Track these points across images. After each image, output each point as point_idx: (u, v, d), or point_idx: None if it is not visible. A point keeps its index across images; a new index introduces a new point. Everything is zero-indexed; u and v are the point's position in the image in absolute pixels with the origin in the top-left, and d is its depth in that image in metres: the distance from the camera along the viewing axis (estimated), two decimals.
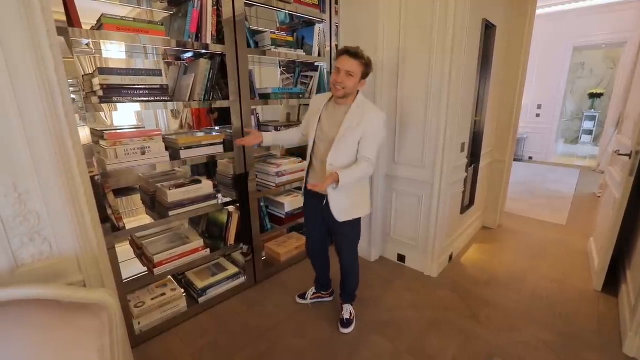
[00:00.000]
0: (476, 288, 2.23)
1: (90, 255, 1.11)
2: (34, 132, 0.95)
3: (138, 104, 1.56)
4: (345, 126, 1.52)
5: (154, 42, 1.58)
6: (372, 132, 1.53)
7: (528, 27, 2.75)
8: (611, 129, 4.98)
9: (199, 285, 2.01)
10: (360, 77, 1.51)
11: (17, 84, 0.91)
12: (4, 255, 0.96)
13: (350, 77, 1.48)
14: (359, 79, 1.51)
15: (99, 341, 0.85)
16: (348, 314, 1.87)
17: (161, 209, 1.83)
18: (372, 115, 1.54)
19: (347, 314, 1.87)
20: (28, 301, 0.83)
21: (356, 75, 1.48)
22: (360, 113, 1.54)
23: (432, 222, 2.29)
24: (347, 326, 1.84)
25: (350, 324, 1.85)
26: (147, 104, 1.59)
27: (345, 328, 1.83)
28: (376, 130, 1.55)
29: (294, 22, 2.47)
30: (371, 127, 1.52)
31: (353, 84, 1.50)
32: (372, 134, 1.54)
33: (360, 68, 1.48)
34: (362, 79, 1.53)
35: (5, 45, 0.87)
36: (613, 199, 2.14)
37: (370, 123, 1.52)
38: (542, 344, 1.73)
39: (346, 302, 1.91)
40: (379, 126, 1.56)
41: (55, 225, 1.03)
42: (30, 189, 0.97)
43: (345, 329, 1.83)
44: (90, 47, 1.88)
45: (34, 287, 0.82)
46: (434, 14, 1.99)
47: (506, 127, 3.01)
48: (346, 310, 1.88)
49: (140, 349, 1.71)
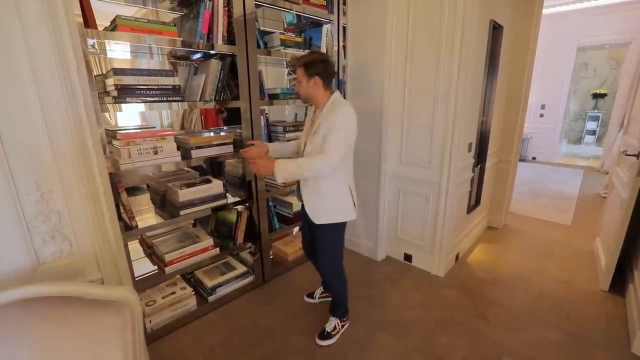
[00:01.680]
0: (483, 288, 2.24)
1: (109, 254, 1.12)
2: (56, 131, 0.97)
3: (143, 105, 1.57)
4: (317, 123, 1.54)
5: (169, 43, 1.60)
6: (335, 125, 1.43)
7: (534, 28, 2.76)
8: (615, 129, 4.98)
9: (209, 284, 2.02)
10: (307, 79, 1.51)
11: (41, 85, 0.93)
12: (27, 253, 0.97)
13: (298, 83, 1.55)
14: (306, 81, 1.51)
15: (121, 337, 0.87)
16: (330, 327, 1.77)
17: (172, 208, 1.84)
18: (339, 110, 1.47)
19: (329, 326, 1.77)
20: (52, 298, 0.85)
21: (301, 79, 1.53)
22: (330, 110, 1.51)
23: (439, 222, 2.30)
24: (322, 338, 1.74)
25: (328, 338, 1.74)
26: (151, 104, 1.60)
27: (320, 339, 1.74)
28: (339, 123, 1.44)
29: (301, 23, 2.48)
30: (335, 120, 1.44)
31: (302, 88, 1.54)
32: (335, 127, 1.43)
33: (300, 71, 1.51)
34: (310, 78, 1.50)
35: (30, 47, 0.89)
36: (620, 199, 2.15)
37: (335, 117, 1.45)
38: (550, 344, 1.73)
39: (332, 314, 1.81)
40: (342, 120, 1.45)
41: (75, 223, 1.05)
42: (52, 187, 0.98)
43: (319, 340, 1.74)
44: (95, 48, 1.89)
45: (59, 285, 0.84)
46: (443, 14, 2.00)
47: (512, 127, 3.02)
48: (329, 322, 1.79)
49: (152, 347, 1.72)
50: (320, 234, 1.65)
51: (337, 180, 1.57)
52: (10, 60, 0.87)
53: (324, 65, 1.50)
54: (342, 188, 1.60)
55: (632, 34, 4.89)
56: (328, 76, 1.53)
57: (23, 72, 0.89)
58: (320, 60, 1.50)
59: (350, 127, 1.49)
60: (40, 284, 0.80)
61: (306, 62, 1.50)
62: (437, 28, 2.04)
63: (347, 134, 1.48)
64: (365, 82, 2.39)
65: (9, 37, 0.86)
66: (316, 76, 1.50)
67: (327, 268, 1.74)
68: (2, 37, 0.85)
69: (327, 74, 1.52)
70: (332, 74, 1.55)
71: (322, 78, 1.51)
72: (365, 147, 2.48)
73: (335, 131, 1.43)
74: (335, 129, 1.44)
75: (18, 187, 0.93)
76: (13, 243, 0.94)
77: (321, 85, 1.52)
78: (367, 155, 2.48)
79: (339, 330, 1.80)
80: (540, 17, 2.79)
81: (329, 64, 1.52)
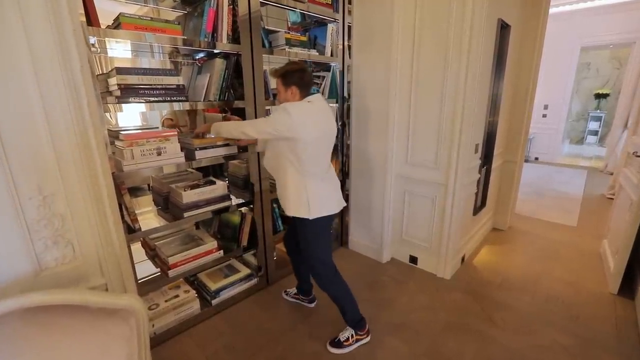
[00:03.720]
0: (490, 290, 2.21)
1: (113, 258, 1.09)
2: (59, 133, 0.94)
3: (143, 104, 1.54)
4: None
5: (173, 42, 1.57)
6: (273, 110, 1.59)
7: (541, 28, 2.73)
8: (619, 129, 4.95)
9: (212, 287, 1.99)
10: (285, 88, 1.58)
11: (43, 84, 0.89)
12: (28, 259, 0.94)
13: (278, 93, 1.64)
14: (284, 91, 1.59)
15: (127, 347, 0.84)
16: (343, 336, 1.72)
17: (175, 209, 1.81)
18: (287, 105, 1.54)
19: (343, 335, 1.72)
20: (56, 306, 0.81)
21: (280, 89, 1.60)
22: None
23: (445, 224, 2.27)
24: (333, 345, 1.71)
25: (339, 347, 1.69)
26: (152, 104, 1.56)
27: (330, 345, 1.71)
28: (276, 111, 1.54)
29: (305, 22, 2.45)
30: (278, 108, 1.54)
31: (282, 97, 1.62)
32: (272, 111, 1.62)
33: (279, 82, 1.59)
34: (287, 88, 1.57)
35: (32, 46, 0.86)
36: (629, 201, 2.12)
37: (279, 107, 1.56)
38: (560, 347, 1.71)
39: (346, 323, 1.76)
40: (280, 111, 1.50)
41: (78, 227, 1.01)
42: (54, 191, 0.95)
43: (330, 347, 1.71)
44: (95, 46, 1.86)
45: (63, 293, 0.81)
46: (450, 13, 1.97)
47: (518, 128, 2.99)
48: (344, 332, 1.74)
49: (155, 351, 1.69)
50: (299, 228, 1.68)
51: (293, 176, 1.59)
52: (12, 60, 0.84)
53: (299, 74, 1.56)
54: (301, 187, 1.58)
55: (636, 34, 4.86)
56: (304, 85, 1.59)
57: (25, 71, 0.86)
58: (295, 70, 1.56)
59: (281, 120, 1.48)
60: (43, 292, 0.76)
61: (283, 73, 1.57)
62: (444, 27, 2.01)
63: (277, 122, 1.49)
64: (371, 81, 2.36)
65: (11, 36, 0.83)
66: (293, 86, 1.56)
67: (314, 274, 1.71)
68: (4, 36, 0.82)
69: (303, 83, 1.58)
70: (309, 82, 1.60)
71: (298, 87, 1.57)
72: (370, 147, 2.44)
73: (271, 114, 1.58)
74: (272, 113, 1.59)
75: (19, 191, 0.90)
76: (14, 248, 0.91)
77: (298, 93, 1.58)
78: (372, 155, 2.45)
79: (352, 342, 1.71)
80: (547, 16, 2.76)
81: (305, 74, 1.57)
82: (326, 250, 1.68)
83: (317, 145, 1.55)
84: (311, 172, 1.58)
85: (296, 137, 1.48)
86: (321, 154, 1.60)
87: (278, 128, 1.48)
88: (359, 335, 1.74)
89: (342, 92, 2.48)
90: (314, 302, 2.06)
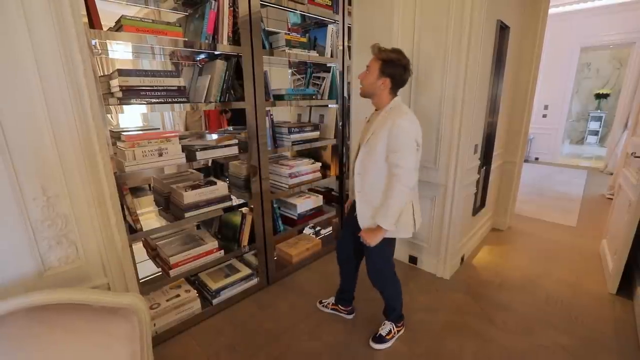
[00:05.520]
0: (489, 290, 2.22)
1: (115, 258, 1.10)
2: (63, 134, 0.95)
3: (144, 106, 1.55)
4: (370, 131, 1.47)
5: (175, 43, 1.58)
6: (392, 141, 1.40)
7: (541, 29, 2.74)
8: (619, 129, 4.95)
9: (213, 287, 2.00)
10: (379, 74, 1.43)
11: (47, 87, 0.91)
12: (32, 259, 0.95)
13: (366, 73, 1.46)
14: (376, 76, 1.43)
15: (130, 347, 0.85)
16: (384, 331, 1.74)
17: (176, 210, 1.82)
18: (393, 122, 1.41)
19: (384, 330, 1.74)
20: (60, 305, 0.83)
21: (372, 70, 1.44)
22: (386, 117, 1.45)
23: (445, 224, 2.28)
24: (376, 341, 1.72)
25: (382, 342, 1.71)
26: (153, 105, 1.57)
27: (374, 342, 1.73)
28: (394, 138, 1.39)
29: (305, 23, 2.46)
30: (390, 135, 1.40)
31: (368, 81, 1.46)
32: (393, 142, 1.40)
33: (377, 64, 1.43)
34: (382, 76, 1.43)
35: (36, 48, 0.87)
36: (628, 201, 2.13)
37: (390, 131, 1.40)
38: (560, 348, 1.71)
39: (386, 318, 1.79)
40: (397, 134, 1.39)
41: (81, 228, 1.03)
42: (58, 191, 0.97)
43: (373, 343, 1.72)
44: (97, 48, 1.87)
45: (66, 292, 0.82)
46: (450, 14, 1.97)
47: (517, 128, 3.00)
48: (384, 326, 1.76)
49: (157, 350, 1.70)
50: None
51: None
52: (16, 63, 0.85)
53: (402, 70, 1.43)
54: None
55: (636, 34, 4.87)
56: (399, 84, 1.47)
57: (29, 73, 0.88)
58: (401, 64, 1.43)
59: (407, 137, 1.40)
60: (47, 292, 0.78)
61: (387, 59, 1.41)
62: (444, 28, 2.02)
63: (406, 145, 1.40)
64: None
65: (15, 40, 0.84)
66: (389, 78, 1.43)
67: (375, 272, 1.69)
68: (9, 40, 0.83)
69: (400, 81, 1.46)
70: (404, 83, 1.48)
71: (392, 82, 1.45)
72: None
73: (397, 147, 1.40)
74: (395, 145, 1.39)
75: (24, 192, 0.91)
76: (19, 249, 0.92)
77: (388, 89, 1.46)
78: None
79: (394, 334, 1.75)
80: (547, 17, 2.77)
81: (406, 72, 1.45)
82: (391, 250, 1.69)
83: (418, 157, 1.49)
84: (414, 188, 1.54)
85: (419, 142, 1.46)
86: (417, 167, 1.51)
87: (413, 148, 1.41)
88: (398, 327, 1.78)
89: (342, 93, 2.49)
90: (353, 314, 1.98)
